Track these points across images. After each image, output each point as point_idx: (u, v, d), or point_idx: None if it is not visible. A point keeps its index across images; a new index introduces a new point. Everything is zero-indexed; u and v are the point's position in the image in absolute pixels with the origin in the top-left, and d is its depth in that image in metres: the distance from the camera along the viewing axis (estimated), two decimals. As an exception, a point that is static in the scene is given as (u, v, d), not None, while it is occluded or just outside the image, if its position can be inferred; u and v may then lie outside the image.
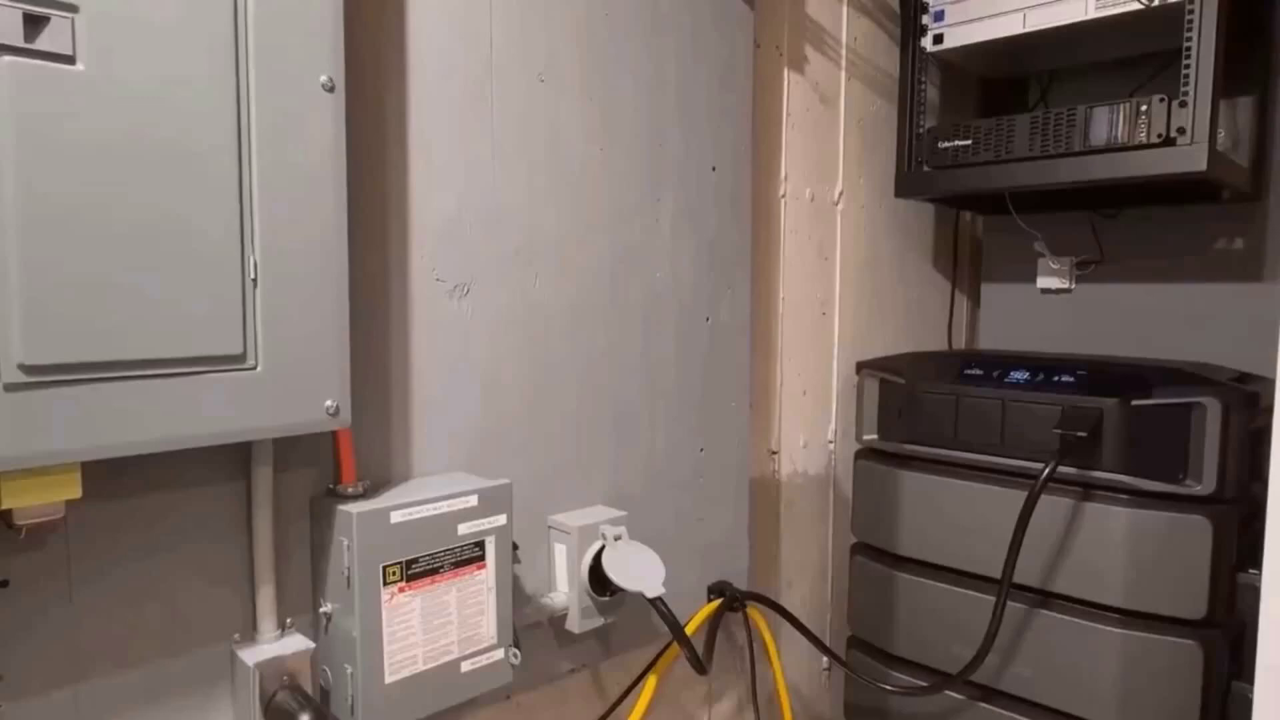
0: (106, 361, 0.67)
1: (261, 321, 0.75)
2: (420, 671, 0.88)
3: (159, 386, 0.70)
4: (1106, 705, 1.25)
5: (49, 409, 0.64)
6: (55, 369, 0.64)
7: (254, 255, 0.75)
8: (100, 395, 0.67)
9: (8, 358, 0.63)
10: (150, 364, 0.69)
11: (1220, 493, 1.18)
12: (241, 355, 0.74)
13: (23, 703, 0.73)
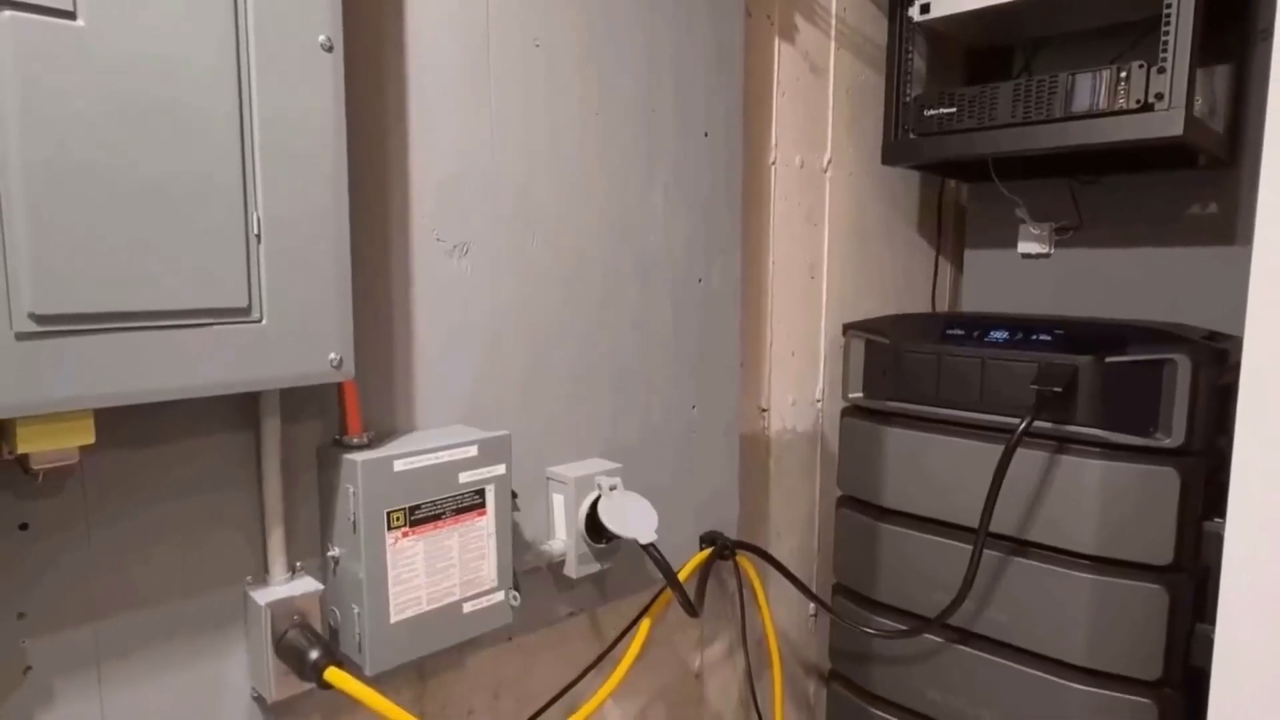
0: (115, 313, 0.66)
1: (265, 276, 0.74)
2: (424, 612, 0.89)
3: (167, 337, 0.69)
4: (1076, 647, 1.26)
5: (60, 357, 0.64)
6: (65, 319, 0.64)
7: (257, 211, 0.74)
8: (110, 345, 0.66)
9: (19, 307, 0.62)
10: (157, 315, 0.68)
11: (1188, 446, 1.18)
12: (246, 308, 0.74)
13: (45, 639, 0.74)
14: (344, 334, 0.80)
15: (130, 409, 0.75)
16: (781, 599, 1.64)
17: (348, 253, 0.80)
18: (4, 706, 0.72)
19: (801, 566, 1.68)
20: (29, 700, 0.73)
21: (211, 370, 0.72)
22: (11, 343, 0.62)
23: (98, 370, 0.65)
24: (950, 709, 1.41)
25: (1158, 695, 1.23)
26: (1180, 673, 1.23)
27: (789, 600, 1.67)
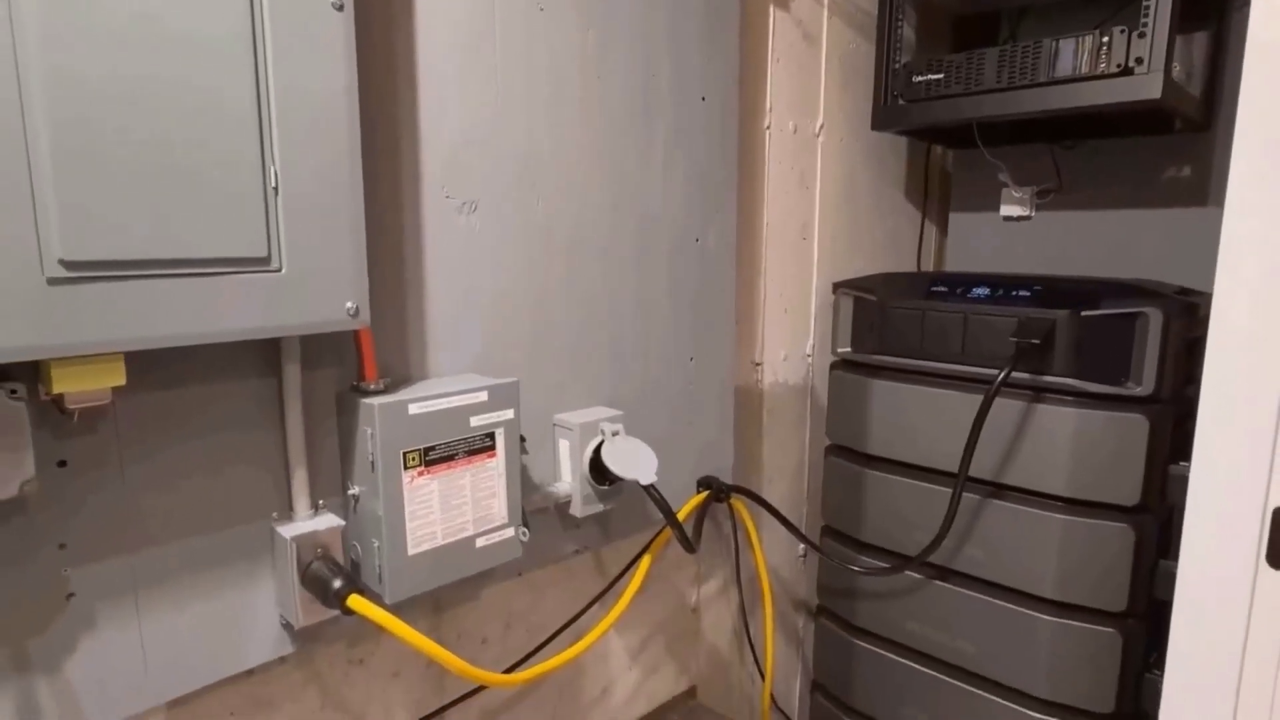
0: (140, 260, 0.65)
1: (284, 227, 0.73)
2: (439, 546, 0.90)
3: (191, 285, 0.69)
4: (1048, 581, 1.27)
5: (90, 302, 0.63)
6: (92, 265, 0.63)
7: (274, 165, 0.72)
8: (137, 291, 0.66)
9: (50, 254, 0.61)
10: (181, 264, 0.68)
11: (1158, 394, 1.18)
12: (266, 258, 0.73)
13: (85, 569, 0.74)
14: (359, 284, 0.80)
15: (159, 354, 0.75)
16: (773, 539, 1.65)
17: (361, 206, 0.79)
18: (50, 630, 0.73)
19: (792, 509, 1.70)
20: (73, 624, 0.74)
21: (234, 317, 0.71)
22: (44, 287, 0.61)
23: (126, 315, 0.65)
24: (929, 639, 1.43)
25: (1123, 626, 1.24)
26: (1144, 605, 1.24)
27: (780, 541, 1.68)
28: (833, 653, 1.59)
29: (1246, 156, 0.96)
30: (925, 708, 1.45)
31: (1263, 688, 0.96)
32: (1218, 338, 0.98)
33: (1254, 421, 0.93)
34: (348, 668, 1.00)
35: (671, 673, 1.48)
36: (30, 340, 0.61)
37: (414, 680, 1.07)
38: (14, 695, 0.71)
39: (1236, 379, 0.96)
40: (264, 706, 0.93)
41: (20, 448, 0.64)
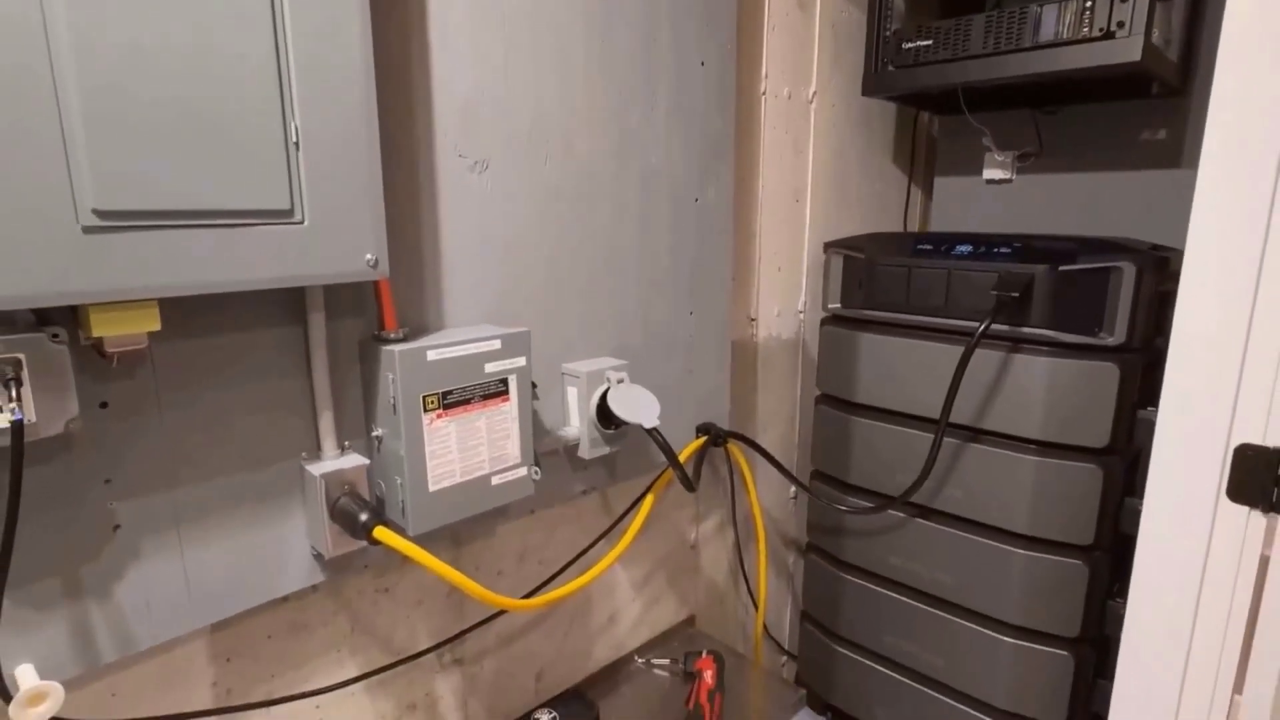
0: (169, 210, 0.64)
1: (305, 180, 0.72)
2: (458, 483, 0.90)
3: (219, 235, 0.67)
4: (1021, 518, 1.28)
5: (123, 250, 0.62)
6: (124, 215, 0.62)
7: (294, 120, 0.71)
8: (168, 240, 0.65)
9: (83, 203, 0.60)
10: (208, 214, 0.66)
11: (1129, 343, 1.17)
12: (289, 210, 0.72)
13: (131, 502, 0.74)
14: (378, 236, 0.78)
15: (192, 302, 0.75)
16: (766, 482, 1.66)
17: (378, 161, 0.77)
18: (100, 558, 0.73)
19: (784, 454, 1.70)
20: (120, 554, 0.74)
21: (260, 266, 0.70)
22: (79, 235, 0.60)
23: (158, 263, 0.64)
24: (910, 572, 1.45)
25: (1089, 558, 1.25)
26: (1110, 538, 1.25)
27: (773, 483, 1.69)
28: (821, 585, 1.61)
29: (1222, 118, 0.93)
30: (905, 634, 1.47)
31: (1219, 610, 0.97)
32: (1188, 289, 0.97)
33: (1220, 366, 0.92)
34: (375, 596, 1.01)
35: (672, 603, 1.50)
36: (67, 286, 0.60)
37: (436, 608, 1.08)
38: (70, 618, 0.72)
39: (1204, 327, 0.95)
40: (299, 630, 0.94)
41: (64, 388, 0.64)
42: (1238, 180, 0.91)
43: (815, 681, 1.66)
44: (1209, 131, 0.94)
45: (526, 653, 1.23)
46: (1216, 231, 0.93)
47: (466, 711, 1.16)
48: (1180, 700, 1.02)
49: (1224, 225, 0.92)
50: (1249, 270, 0.90)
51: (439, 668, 1.11)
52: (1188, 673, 1.01)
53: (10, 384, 0.59)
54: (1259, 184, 0.88)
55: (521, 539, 1.18)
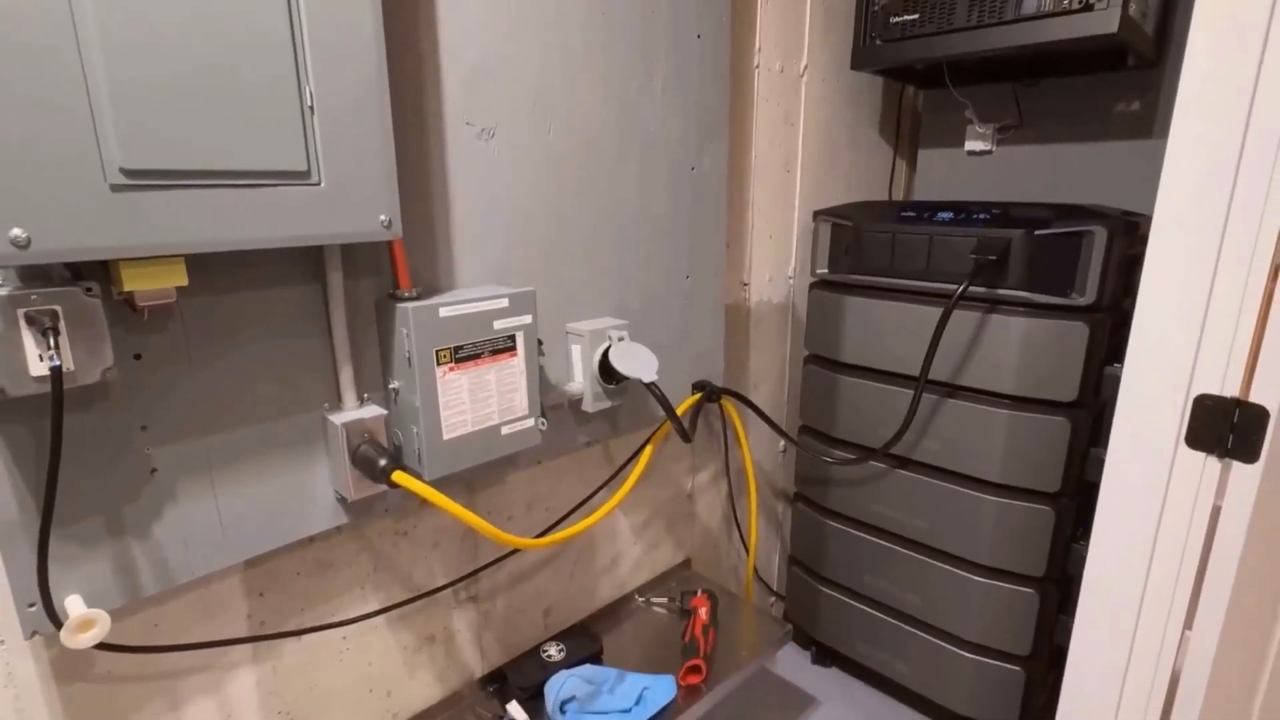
0: (192, 170, 0.63)
1: (320, 144, 0.71)
2: (470, 432, 0.90)
3: (240, 195, 0.67)
4: (994, 467, 1.29)
5: (150, 208, 0.62)
6: (150, 174, 0.61)
7: (309, 85, 0.69)
8: (193, 199, 0.64)
9: (111, 163, 0.59)
10: (230, 175, 0.66)
11: (1098, 304, 1.17)
12: (306, 172, 0.71)
13: (166, 447, 0.75)
14: (391, 198, 0.77)
15: (217, 260, 0.74)
16: (757, 436, 1.67)
17: (390, 125, 0.76)
18: (139, 500, 0.74)
19: (774, 410, 1.71)
20: (158, 495, 0.75)
21: (280, 226, 0.70)
22: (107, 193, 0.59)
23: (184, 221, 0.63)
24: (889, 518, 1.46)
25: (1056, 504, 1.26)
26: (1075, 486, 1.26)
27: (763, 437, 1.70)
28: (807, 531, 1.63)
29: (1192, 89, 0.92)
30: (885, 575, 1.50)
31: (1173, 551, 0.98)
32: (1155, 251, 0.96)
33: (1183, 322, 0.92)
34: (395, 538, 1.03)
35: (670, 547, 1.52)
36: (98, 241, 0.59)
37: (451, 549, 1.10)
38: (113, 553, 0.73)
39: (1170, 286, 0.94)
40: (325, 568, 0.96)
41: (99, 339, 0.64)
42: (1206, 147, 0.90)
43: (801, 619, 1.68)
44: (1180, 101, 0.93)
45: (536, 591, 1.25)
46: (1184, 196, 0.92)
47: (481, 644, 1.18)
48: (1135, 634, 1.04)
49: (1191, 190, 0.91)
50: (1213, 233, 0.89)
51: (455, 604, 1.13)
52: (1143, 609, 1.03)
53: (48, 333, 0.59)
54: (1225, 151, 0.87)
55: (530, 487, 1.19)
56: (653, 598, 1.44)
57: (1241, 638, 0.98)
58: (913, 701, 1.60)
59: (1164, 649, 1.02)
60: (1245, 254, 0.87)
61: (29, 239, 0.56)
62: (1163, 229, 0.95)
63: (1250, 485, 0.89)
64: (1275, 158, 0.83)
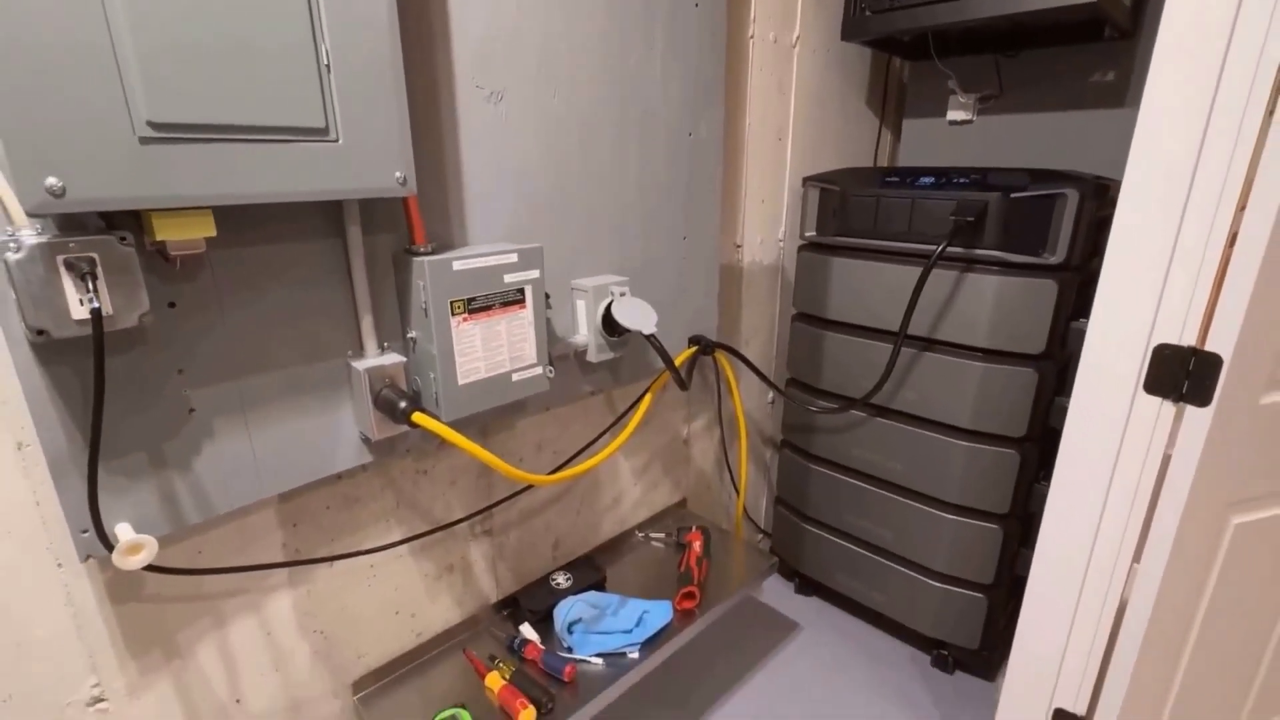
0: (216, 124, 0.62)
1: (337, 101, 0.69)
2: (483, 378, 0.90)
3: (263, 150, 0.65)
4: (965, 414, 1.30)
5: (177, 160, 0.60)
6: (176, 127, 0.59)
7: (324, 44, 0.67)
8: (217, 153, 0.62)
9: (138, 116, 0.58)
10: (252, 130, 0.64)
11: (1068, 262, 1.15)
12: (325, 129, 0.69)
13: (202, 389, 0.75)
14: (405, 156, 0.76)
15: (243, 214, 0.73)
16: (748, 387, 1.68)
17: (403, 85, 0.74)
18: (179, 437, 0.74)
19: (763, 364, 1.71)
20: (196, 433, 0.75)
21: (301, 180, 0.68)
22: (137, 146, 0.58)
23: (209, 173, 0.62)
24: (868, 462, 1.47)
25: (1021, 448, 1.27)
26: (1040, 431, 1.27)
27: (753, 389, 1.70)
28: (792, 474, 1.65)
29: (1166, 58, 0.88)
30: (862, 513, 1.52)
31: (1126, 490, 0.99)
32: (1124, 211, 0.94)
33: (1147, 278, 0.91)
34: (415, 476, 1.03)
35: (668, 488, 1.53)
36: (128, 192, 0.58)
37: (468, 487, 1.11)
38: (158, 485, 0.73)
39: (1136, 244, 0.93)
40: (352, 503, 0.96)
41: (134, 285, 0.63)
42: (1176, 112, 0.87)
43: (786, 553, 1.71)
44: (1153, 71, 0.90)
45: (545, 526, 1.27)
46: (1153, 160, 0.90)
47: (495, 573, 1.20)
48: (1089, 566, 1.06)
49: (1160, 155, 0.88)
50: (1179, 196, 0.87)
51: (471, 537, 1.14)
52: (1097, 543, 1.04)
53: (86, 278, 0.58)
54: (1194, 120, 0.85)
55: (539, 432, 1.20)
56: (651, 533, 1.46)
57: (1184, 571, 1.00)
58: (886, 626, 1.64)
59: (1114, 580, 1.04)
60: (1208, 217, 0.85)
61: (64, 188, 0.55)
62: (1132, 191, 0.93)
63: (1201, 427, 0.89)
64: (1239, 127, 0.81)
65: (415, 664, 1.09)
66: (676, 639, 1.17)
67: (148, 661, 0.81)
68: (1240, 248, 0.84)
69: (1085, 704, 1.09)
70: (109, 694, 0.79)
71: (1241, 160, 0.82)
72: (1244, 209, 0.83)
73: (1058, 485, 1.08)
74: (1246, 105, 0.80)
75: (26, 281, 0.57)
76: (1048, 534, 1.10)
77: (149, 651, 0.81)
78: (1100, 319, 0.97)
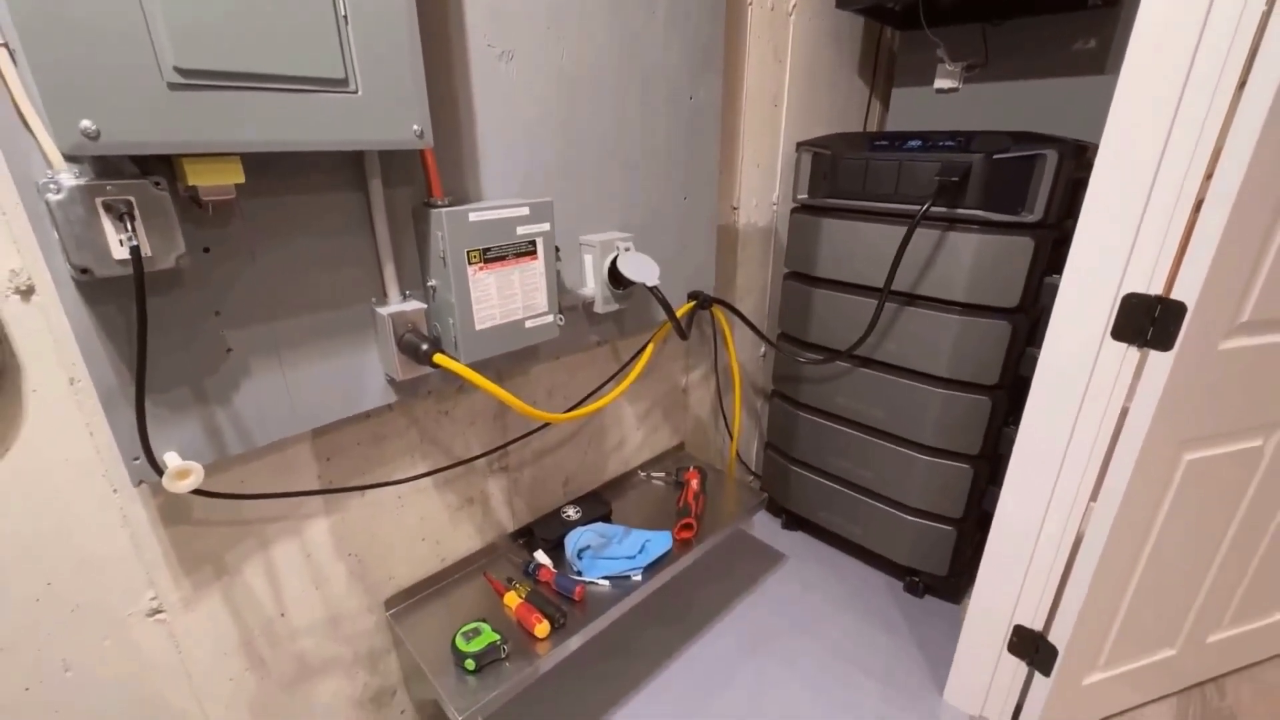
0: (241, 73, 0.59)
1: (355, 53, 0.66)
2: (498, 324, 0.89)
3: (287, 99, 0.63)
4: (943, 364, 1.29)
5: (205, 107, 0.58)
6: (203, 74, 0.57)
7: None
8: (243, 101, 0.60)
9: (166, 62, 0.55)
10: (276, 79, 0.61)
11: (1044, 220, 1.13)
12: (344, 80, 0.66)
13: (238, 331, 0.74)
14: (422, 109, 0.73)
15: (270, 164, 0.71)
16: (742, 341, 1.67)
17: (418, 40, 0.71)
18: (218, 374, 0.73)
19: (757, 320, 1.69)
20: (234, 371, 0.75)
21: (322, 130, 0.66)
22: (165, 91, 0.56)
23: (235, 120, 0.60)
24: (851, 409, 1.47)
25: (993, 394, 1.27)
26: (1011, 380, 1.26)
27: (747, 342, 1.69)
28: (782, 421, 1.65)
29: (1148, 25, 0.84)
30: (844, 456, 1.52)
31: (1090, 429, 0.99)
32: (1101, 170, 0.91)
33: (1119, 231, 0.89)
34: (438, 416, 1.03)
35: (667, 432, 1.54)
36: (160, 136, 0.56)
37: (485, 427, 1.11)
38: (201, 418, 0.73)
39: (1110, 200, 0.90)
40: (379, 440, 0.97)
41: (170, 228, 0.61)
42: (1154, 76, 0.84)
43: (774, 492, 1.73)
44: (1134, 38, 0.86)
45: (556, 464, 1.28)
46: (1130, 121, 0.87)
47: (512, 506, 1.22)
48: (1050, 501, 1.06)
49: (1137, 115, 0.85)
50: (1152, 156, 0.84)
51: (490, 473, 1.15)
52: (1058, 482, 1.05)
53: (124, 219, 0.56)
54: (1172, 78, 0.81)
55: (550, 378, 1.20)
56: (652, 473, 1.47)
57: (1138, 504, 1.01)
58: (864, 556, 1.67)
59: (1071, 515, 1.05)
60: (1178, 176, 0.83)
61: (98, 131, 0.53)
62: (1109, 150, 0.90)
63: (1163, 370, 0.88)
64: (1213, 94, 0.78)
65: (440, 585, 1.12)
66: (675, 565, 1.19)
67: (199, 578, 0.83)
68: (1209, 201, 0.82)
69: (1042, 621, 1.12)
70: (166, 606, 0.81)
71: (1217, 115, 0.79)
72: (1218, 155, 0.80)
73: (1025, 428, 1.08)
74: (1221, 73, 0.77)
75: (68, 222, 0.56)
76: (1014, 473, 1.11)
77: (200, 569, 0.83)
78: (1073, 271, 0.95)
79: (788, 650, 1.37)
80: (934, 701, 1.25)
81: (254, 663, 0.90)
